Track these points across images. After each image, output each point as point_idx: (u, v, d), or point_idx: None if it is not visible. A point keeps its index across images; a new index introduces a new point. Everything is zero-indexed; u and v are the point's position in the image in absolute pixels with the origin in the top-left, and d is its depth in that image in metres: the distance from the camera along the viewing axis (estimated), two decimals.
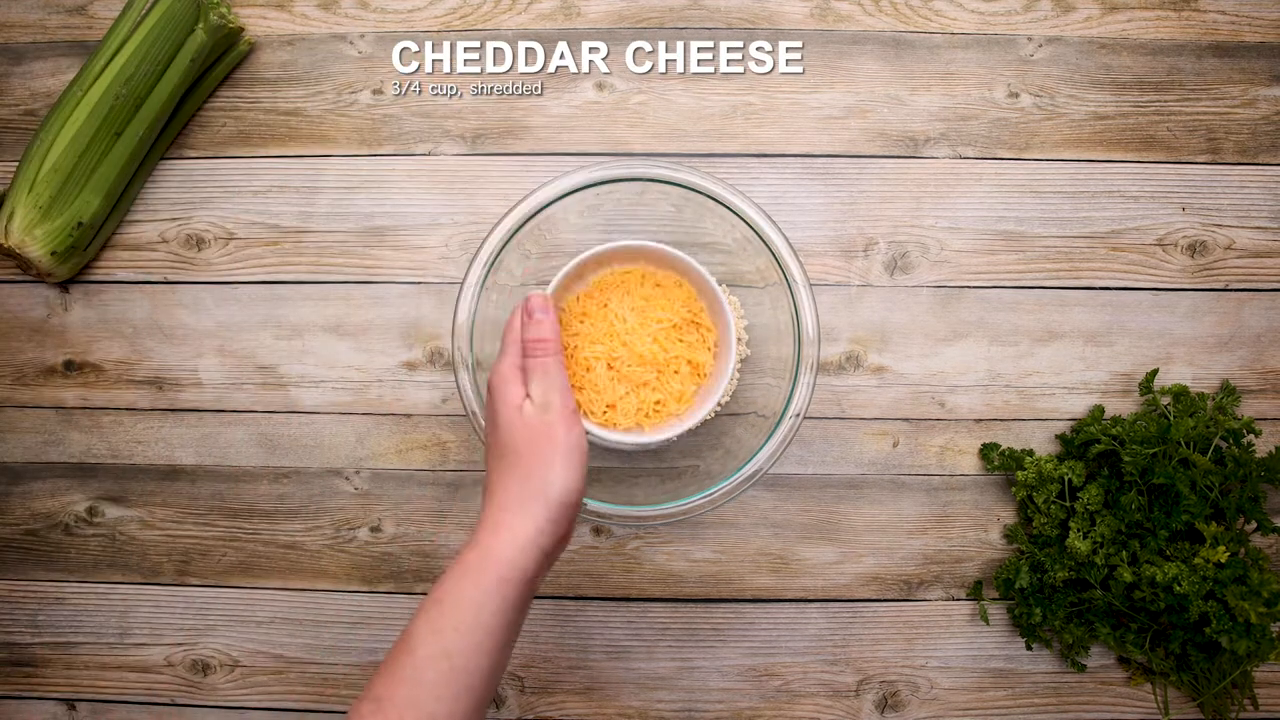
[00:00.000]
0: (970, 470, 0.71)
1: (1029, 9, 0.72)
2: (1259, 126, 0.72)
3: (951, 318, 0.71)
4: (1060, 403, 0.71)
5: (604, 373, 0.60)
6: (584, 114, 0.72)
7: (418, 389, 0.71)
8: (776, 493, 0.71)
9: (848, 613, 0.71)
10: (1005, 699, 0.71)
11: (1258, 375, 0.71)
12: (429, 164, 0.72)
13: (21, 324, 0.72)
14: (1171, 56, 0.72)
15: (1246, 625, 0.62)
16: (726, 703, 0.71)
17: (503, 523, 0.48)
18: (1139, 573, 0.64)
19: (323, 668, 0.71)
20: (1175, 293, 0.71)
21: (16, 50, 0.73)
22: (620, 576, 0.71)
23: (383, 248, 0.72)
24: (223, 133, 0.73)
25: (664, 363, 0.61)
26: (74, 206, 0.67)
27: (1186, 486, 0.64)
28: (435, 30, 0.73)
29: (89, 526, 0.72)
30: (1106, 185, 0.72)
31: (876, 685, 0.71)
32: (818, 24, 0.72)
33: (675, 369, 0.61)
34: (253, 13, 0.73)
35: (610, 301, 0.61)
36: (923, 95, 0.72)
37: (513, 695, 0.71)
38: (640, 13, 0.72)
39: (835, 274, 0.71)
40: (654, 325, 0.61)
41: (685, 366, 0.62)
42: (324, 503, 0.72)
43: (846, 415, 0.71)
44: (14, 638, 0.72)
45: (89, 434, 0.72)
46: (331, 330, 0.72)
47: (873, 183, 0.72)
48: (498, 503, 0.49)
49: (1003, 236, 0.71)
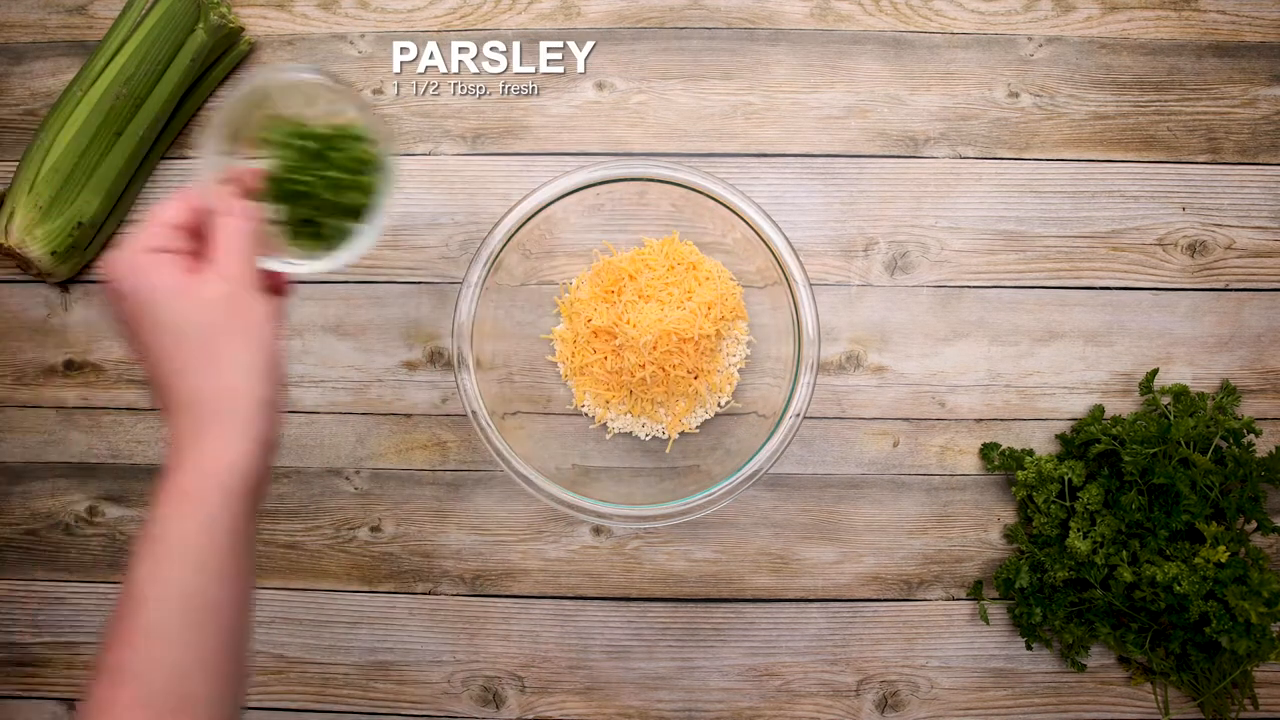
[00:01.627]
0: (970, 470, 0.71)
1: (1029, 9, 0.72)
2: (1259, 126, 0.72)
3: (951, 318, 0.71)
4: (1060, 403, 0.71)
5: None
6: (584, 114, 0.72)
7: (418, 389, 0.71)
8: (776, 493, 0.71)
9: (848, 612, 0.71)
10: (1005, 699, 0.71)
11: (1258, 375, 0.71)
12: (429, 164, 0.72)
13: (21, 324, 0.72)
14: (1171, 56, 0.72)
15: (1246, 625, 0.62)
16: (726, 703, 0.71)
17: (209, 429, 0.41)
18: (1139, 572, 0.64)
19: (323, 668, 0.71)
20: (1175, 293, 0.71)
21: (16, 50, 0.73)
22: (620, 576, 0.71)
23: (382, 247, 0.72)
24: None
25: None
26: (74, 206, 0.67)
27: (1186, 486, 0.64)
28: (435, 30, 0.73)
29: (89, 526, 0.72)
30: (1106, 185, 0.72)
31: (876, 685, 0.71)
32: (818, 24, 0.72)
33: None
34: (253, 13, 0.73)
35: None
36: (923, 95, 0.72)
37: (513, 695, 0.71)
38: (640, 13, 0.72)
39: (835, 274, 0.71)
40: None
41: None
42: (324, 502, 0.72)
43: (846, 415, 0.71)
44: (14, 638, 0.72)
45: (89, 434, 0.72)
46: (331, 330, 0.72)
47: (873, 183, 0.72)
48: (195, 407, 0.41)
49: (1003, 236, 0.71)
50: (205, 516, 0.40)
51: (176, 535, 0.39)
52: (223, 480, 0.40)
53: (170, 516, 0.40)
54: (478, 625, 0.71)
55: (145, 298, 0.42)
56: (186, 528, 0.39)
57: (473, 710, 0.71)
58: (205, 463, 0.40)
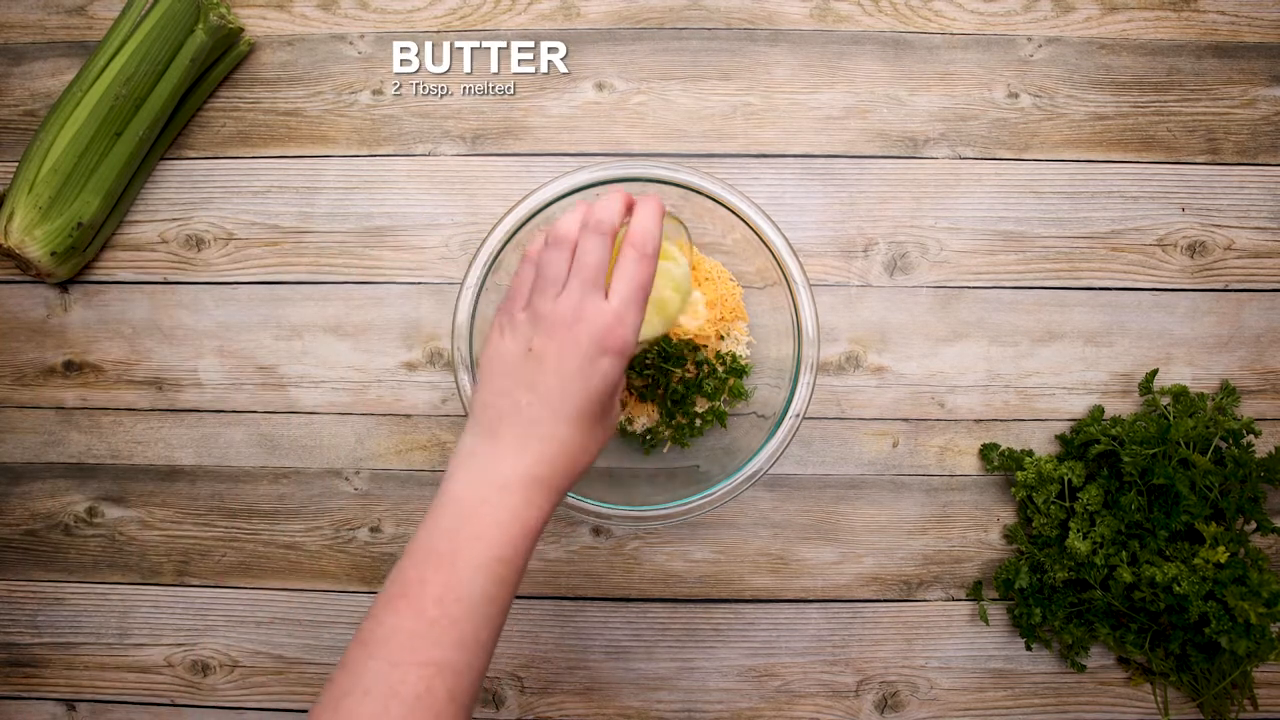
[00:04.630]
0: (970, 470, 0.71)
1: (1029, 9, 0.72)
2: (1259, 126, 0.72)
3: (951, 318, 0.71)
4: (1060, 403, 0.71)
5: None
6: (584, 114, 0.72)
7: (417, 389, 0.71)
8: (776, 493, 0.71)
9: (847, 613, 0.71)
10: (1005, 699, 0.71)
11: (1258, 375, 0.71)
12: (429, 164, 0.72)
13: (21, 324, 0.72)
14: (1171, 57, 0.72)
15: (1246, 625, 0.62)
16: (726, 703, 0.71)
17: (536, 497, 0.43)
18: (1139, 573, 0.64)
19: (322, 668, 0.71)
20: (1175, 293, 0.71)
21: (16, 50, 0.73)
22: (620, 577, 0.71)
23: (382, 248, 0.72)
24: (222, 133, 0.73)
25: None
26: (74, 207, 0.67)
27: (1186, 487, 0.64)
28: (435, 30, 0.73)
29: (89, 527, 0.72)
30: (1106, 185, 0.72)
31: (876, 685, 0.71)
32: (818, 24, 0.72)
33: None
34: (252, 13, 0.73)
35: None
36: (922, 95, 0.72)
37: (513, 695, 0.71)
38: (640, 13, 0.72)
39: (835, 274, 0.71)
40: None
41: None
42: (324, 503, 0.72)
43: (846, 415, 0.71)
44: (14, 638, 0.72)
45: (89, 434, 0.72)
46: (331, 330, 0.72)
47: (873, 183, 0.72)
48: (542, 473, 0.43)
49: (1003, 236, 0.71)
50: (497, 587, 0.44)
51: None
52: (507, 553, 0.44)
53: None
54: None
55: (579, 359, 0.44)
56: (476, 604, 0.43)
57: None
58: (517, 530, 0.44)
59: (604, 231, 0.44)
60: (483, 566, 0.41)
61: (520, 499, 0.43)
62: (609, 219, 0.45)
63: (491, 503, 0.43)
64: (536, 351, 0.43)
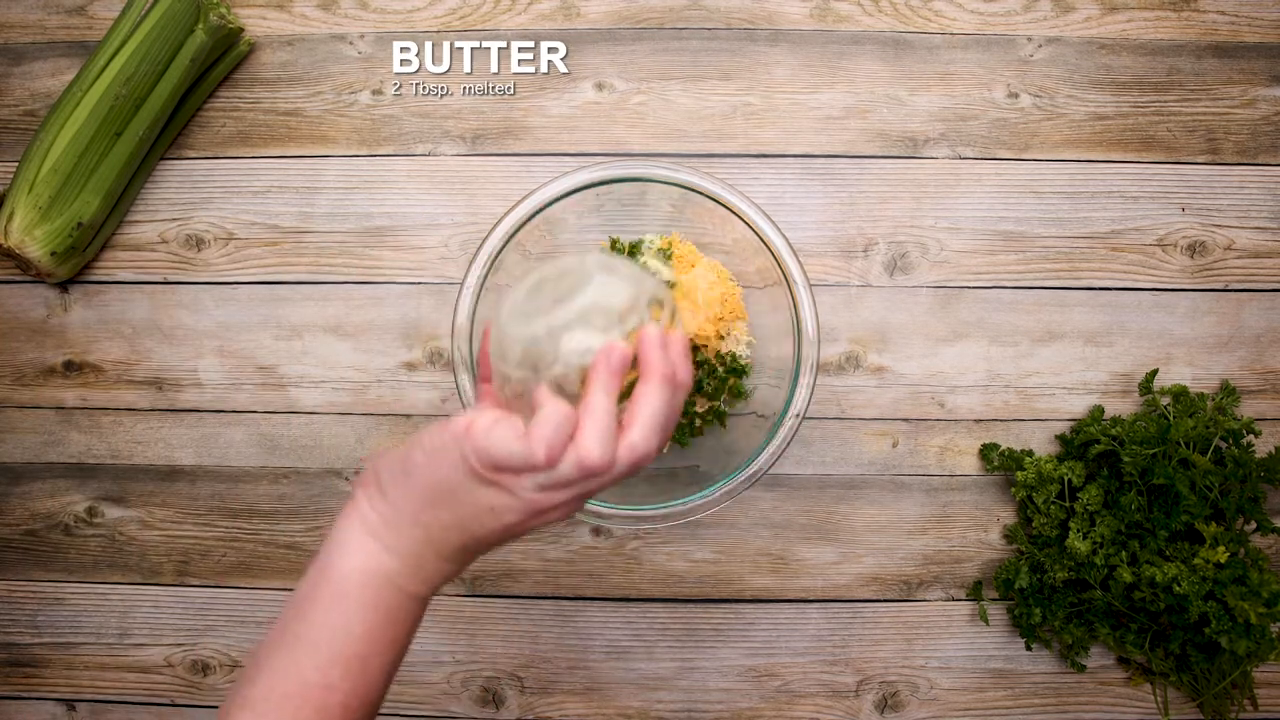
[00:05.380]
0: (970, 470, 0.71)
1: (1029, 9, 0.72)
2: (1259, 126, 0.72)
3: (951, 318, 0.71)
4: (1060, 403, 0.71)
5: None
6: (584, 114, 0.72)
7: (417, 389, 0.71)
8: (776, 493, 0.71)
9: (847, 613, 0.71)
10: (1005, 699, 0.71)
11: (1257, 375, 0.71)
12: (428, 164, 0.72)
13: (21, 324, 0.72)
14: (1171, 57, 0.72)
15: (1246, 625, 0.62)
16: (726, 703, 0.71)
17: (429, 566, 0.42)
18: (1139, 573, 0.64)
19: None
20: (1175, 293, 0.71)
21: (16, 50, 0.73)
22: (620, 577, 0.71)
23: (382, 248, 0.72)
24: (222, 133, 0.73)
25: None
26: (74, 207, 0.67)
27: (1186, 487, 0.64)
28: (435, 30, 0.73)
29: (89, 527, 0.72)
30: (1106, 185, 0.72)
31: (876, 685, 0.71)
32: (818, 24, 0.72)
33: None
34: (252, 13, 0.73)
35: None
36: (922, 95, 0.72)
37: (513, 695, 0.71)
38: (640, 13, 0.72)
39: (835, 274, 0.71)
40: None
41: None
42: (324, 503, 0.72)
43: (846, 415, 0.71)
44: (14, 638, 0.72)
45: (89, 434, 0.72)
46: (331, 330, 0.72)
47: (873, 183, 0.72)
48: (432, 546, 0.42)
49: (1003, 237, 0.71)
50: (397, 629, 0.44)
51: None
52: (414, 606, 0.44)
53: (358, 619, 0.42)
54: (477, 626, 0.71)
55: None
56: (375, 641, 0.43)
57: (472, 711, 0.71)
58: (411, 588, 0.43)
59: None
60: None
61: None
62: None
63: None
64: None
